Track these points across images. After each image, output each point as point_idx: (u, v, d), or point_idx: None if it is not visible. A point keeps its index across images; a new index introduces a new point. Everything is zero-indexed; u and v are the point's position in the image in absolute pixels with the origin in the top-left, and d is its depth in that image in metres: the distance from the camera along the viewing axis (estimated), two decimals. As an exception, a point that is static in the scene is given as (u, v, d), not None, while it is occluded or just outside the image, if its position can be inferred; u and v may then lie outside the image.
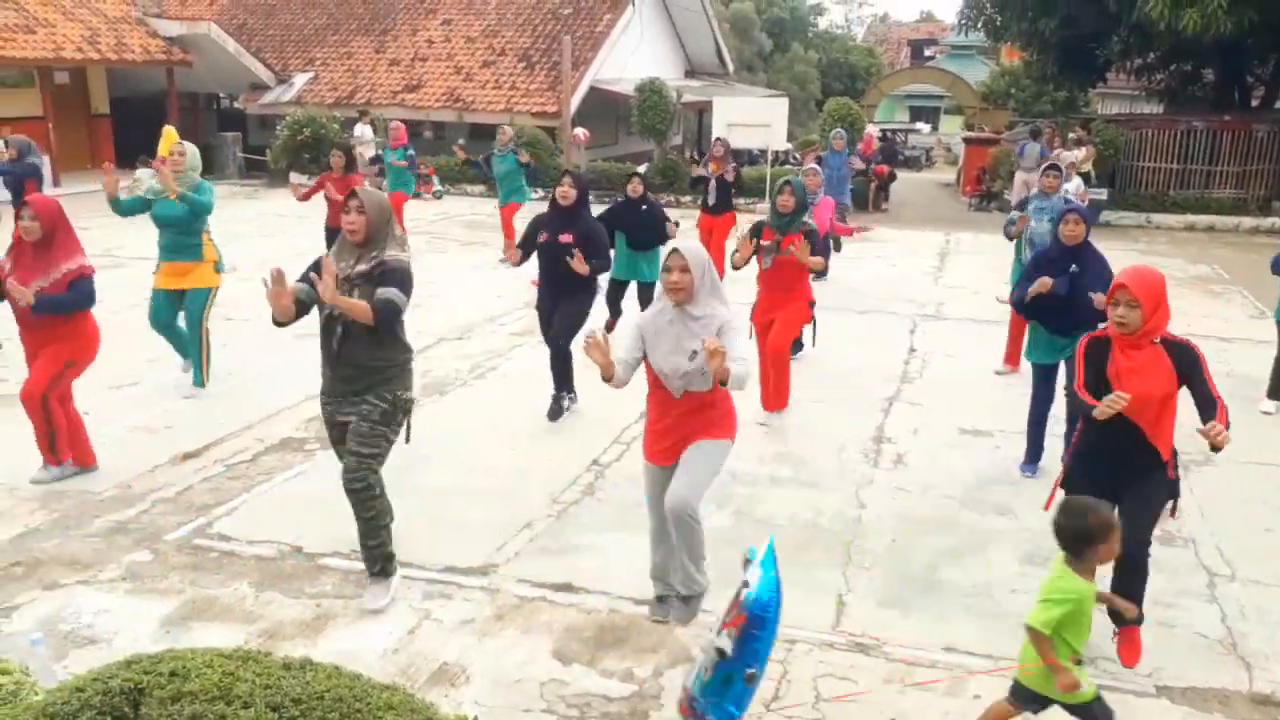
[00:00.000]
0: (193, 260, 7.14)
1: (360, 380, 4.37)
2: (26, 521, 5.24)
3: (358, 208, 4.32)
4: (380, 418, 4.40)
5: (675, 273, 4.06)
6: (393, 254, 4.39)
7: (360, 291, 4.28)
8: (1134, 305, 3.91)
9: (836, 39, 48.79)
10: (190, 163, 7.07)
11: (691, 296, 4.08)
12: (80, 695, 2.21)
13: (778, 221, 6.63)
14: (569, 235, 6.65)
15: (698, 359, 4.01)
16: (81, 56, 19.10)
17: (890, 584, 4.80)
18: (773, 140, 17.03)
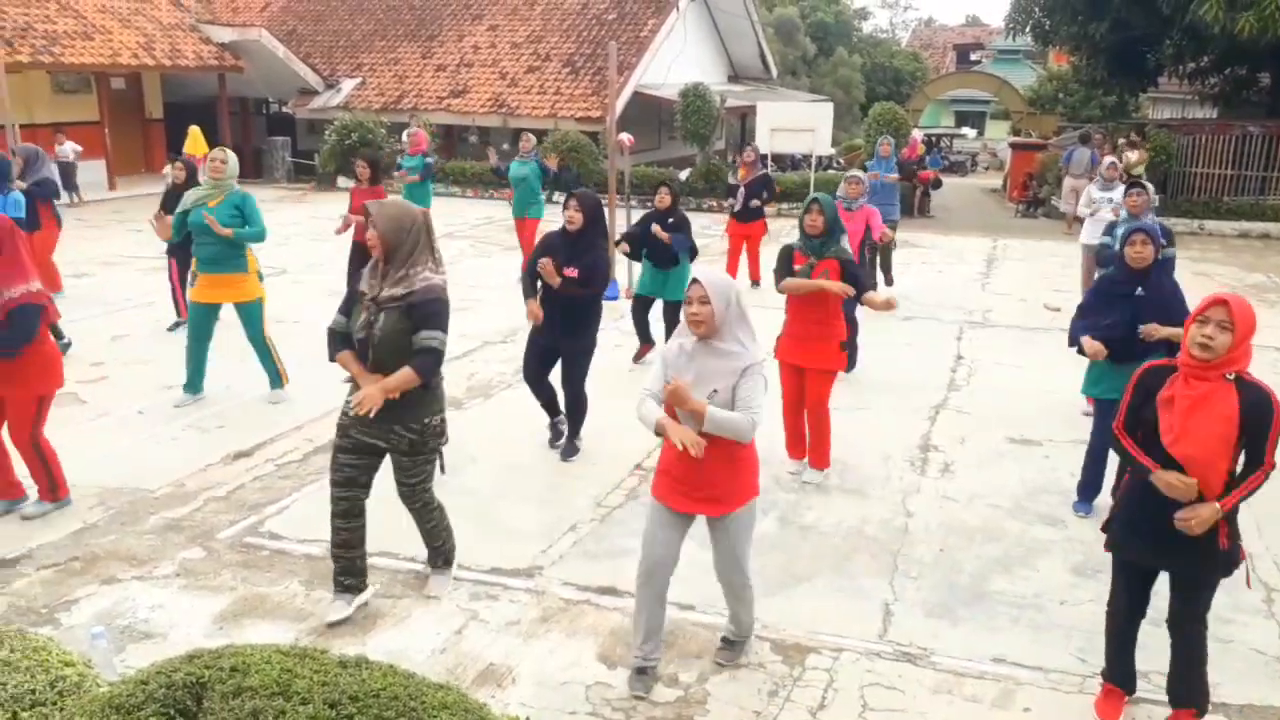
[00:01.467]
0: (235, 272, 6.98)
1: (390, 406, 4.12)
2: (85, 518, 5.36)
3: (371, 221, 4.10)
4: (409, 448, 4.29)
5: (695, 304, 3.70)
6: (424, 276, 4.14)
7: (387, 317, 4.09)
8: (1227, 327, 3.33)
9: (881, 43, 48.53)
10: (230, 170, 6.98)
11: (714, 329, 3.71)
12: (145, 688, 2.26)
13: (808, 244, 5.84)
14: (574, 270, 5.99)
15: (717, 398, 3.68)
16: (137, 63, 19.53)
17: (938, 593, 4.75)
18: (817, 145, 16.95)
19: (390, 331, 4.09)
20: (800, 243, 5.90)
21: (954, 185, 24.62)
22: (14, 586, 4.65)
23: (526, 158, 11.72)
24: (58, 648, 2.91)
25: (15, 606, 4.47)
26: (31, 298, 4.95)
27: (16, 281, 4.91)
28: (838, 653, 4.23)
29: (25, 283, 4.94)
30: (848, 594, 4.72)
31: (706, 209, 18.56)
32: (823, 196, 5.94)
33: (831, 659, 4.19)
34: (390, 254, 4.10)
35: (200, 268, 7.01)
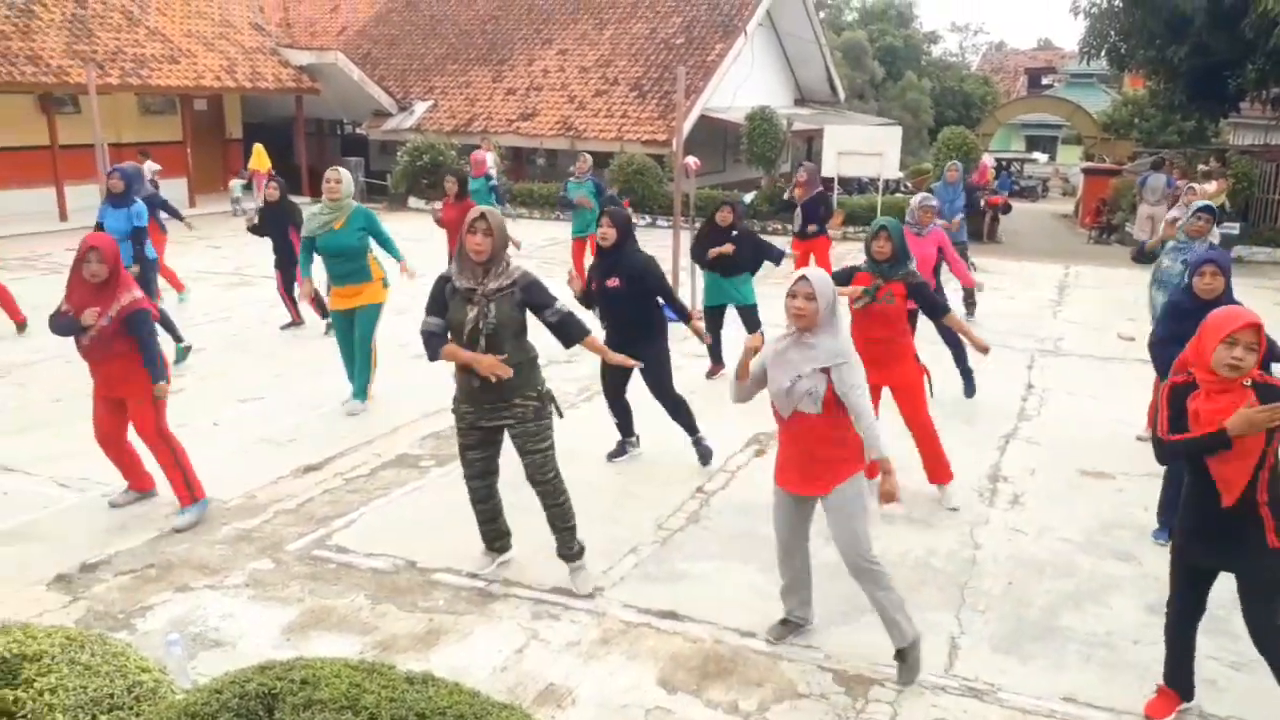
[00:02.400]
0: (363, 281, 7.37)
1: (508, 383, 4.60)
2: (162, 526, 5.51)
3: (485, 230, 4.51)
4: (535, 414, 4.74)
5: (800, 299, 4.04)
6: (513, 264, 4.67)
7: (498, 306, 4.55)
8: (1254, 349, 3.48)
9: (950, 67, 48.04)
10: (345, 189, 7.26)
11: (814, 324, 4.06)
12: (218, 697, 2.31)
13: (874, 268, 5.93)
14: (615, 280, 6.22)
15: (802, 382, 4.03)
16: (219, 85, 20.19)
17: (1006, 628, 4.65)
18: (884, 169, 16.83)
19: (505, 318, 4.58)
20: (867, 266, 5.98)
21: (1024, 210, 24.23)
22: (93, 591, 4.79)
23: (583, 179, 11.87)
24: (135, 653, 2.98)
25: (94, 611, 4.61)
26: (139, 304, 5.39)
27: (125, 291, 5.37)
28: (902, 686, 4.16)
29: (131, 290, 5.40)
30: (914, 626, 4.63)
31: (772, 231, 18.49)
32: (890, 222, 5.99)
33: (895, 692, 4.12)
34: (495, 254, 4.58)
35: (333, 283, 7.44)
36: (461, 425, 4.80)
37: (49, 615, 4.48)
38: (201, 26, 21.18)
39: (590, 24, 24.04)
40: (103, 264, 5.26)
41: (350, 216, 7.23)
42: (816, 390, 4.04)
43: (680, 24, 22.99)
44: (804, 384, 4.04)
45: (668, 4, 23.58)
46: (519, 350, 4.67)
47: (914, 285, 5.89)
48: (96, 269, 5.26)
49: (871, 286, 5.82)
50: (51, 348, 9.10)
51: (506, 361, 4.58)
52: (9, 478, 6.14)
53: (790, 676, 4.22)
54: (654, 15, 23.51)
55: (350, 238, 7.19)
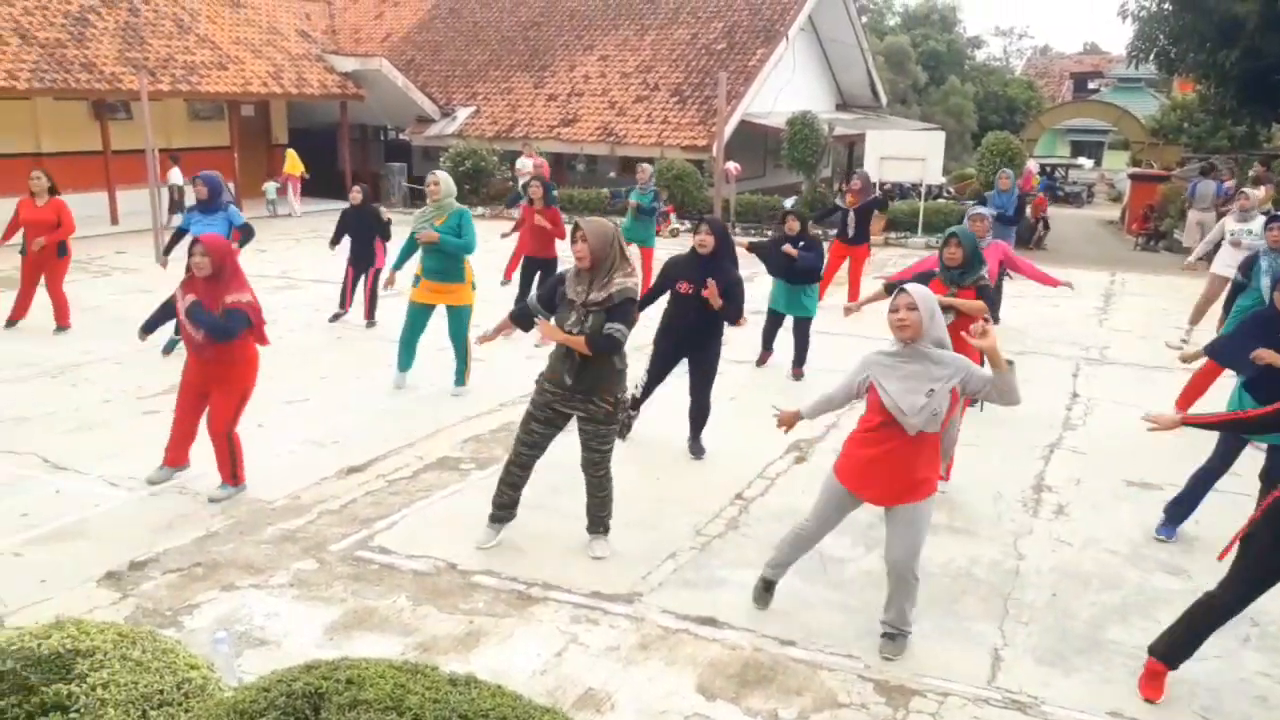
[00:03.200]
0: (455, 281, 7.82)
1: (590, 380, 4.97)
2: (207, 525, 5.61)
3: (582, 237, 4.84)
4: (605, 418, 5.10)
5: (902, 310, 4.11)
6: (620, 280, 4.89)
7: (595, 319, 4.85)
8: None
9: (994, 71, 47.55)
10: (445, 190, 7.75)
11: (919, 334, 4.10)
12: (266, 695, 2.35)
13: (947, 275, 6.08)
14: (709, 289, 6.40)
15: (934, 398, 4.08)
16: (266, 91, 20.50)
17: (1050, 640, 4.58)
18: (927, 174, 16.70)
19: (597, 331, 4.85)
20: (940, 273, 6.13)
21: (1069, 216, 23.91)
22: (142, 589, 4.88)
23: (645, 188, 11.90)
24: (184, 650, 3.04)
25: (142, 608, 4.70)
26: (243, 306, 5.70)
27: (235, 290, 5.70)
28: (943, 697, 4.12)
29: (240, 292, 5.72)
30: (955, 636, 4.59)
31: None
32: (962, 229, 6.22)
33: (937, 703, 4.08)
34: (597, 265, 4.86)
35: (425, 275, 7.86)
36: (538, 399, 5.14)
37: (99, 612, 4.57)
38: (249, 34, 21.53)
39: (631, 30, 24.11)
40: (206, 257, 5.61)
41: (450, 215, 7.74)
42: (941, 409, 4.13)
43: (722, 29, 22.98)
44: (934, 402, 4.09)
45: (709, 9, 23.58)
46: (609, 360, 5.00)
47: (983, 288, 6.06)
48: (200, 261, 5.63)
49: (948, 295, 5.94)
50: (101, 350, 9.32)
51: (593, 363, 4.93)
52: (61, 476, 6.28)
53: (830, 686, 4.19)
54: (695, 20, 23.52)
55: (445, 232, 7.65)
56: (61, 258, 9.93)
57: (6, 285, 12.25)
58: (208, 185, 9.09)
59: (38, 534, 5.44)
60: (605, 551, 5.34)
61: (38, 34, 17.32)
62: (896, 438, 4.18)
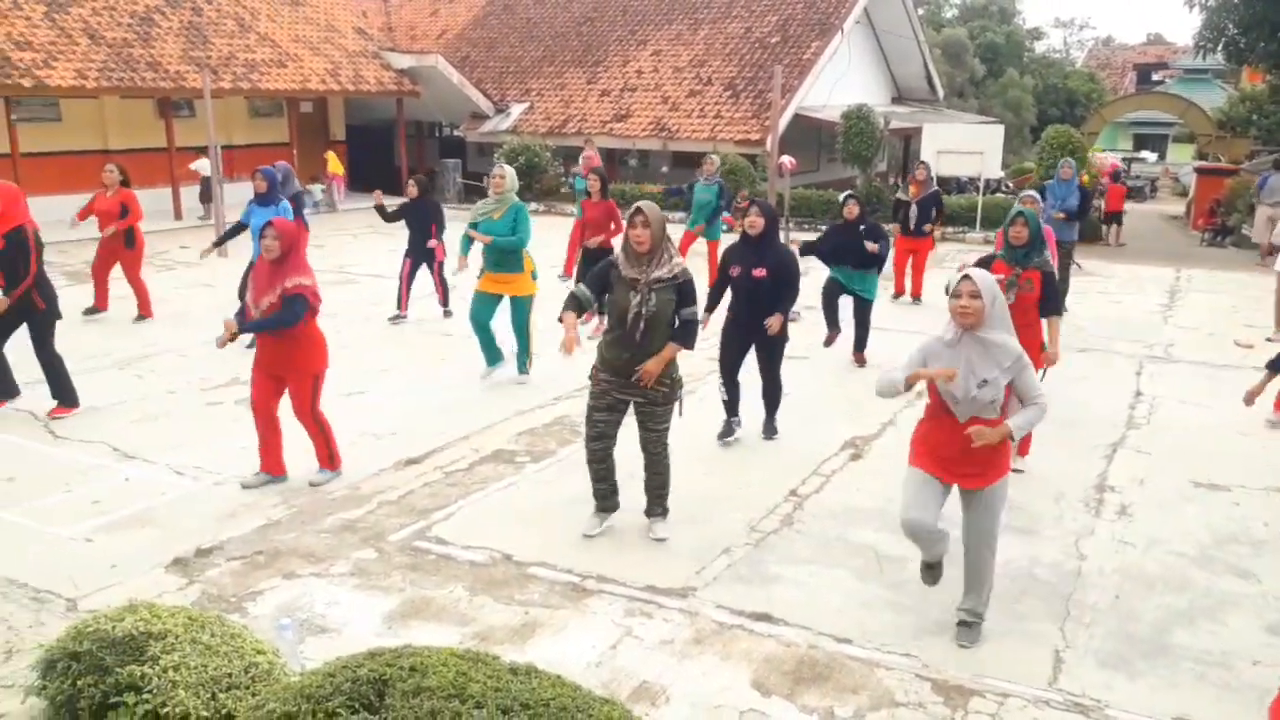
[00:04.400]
0: (514, 271, 8.01)
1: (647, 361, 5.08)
2: (269, 514, 5.72)
3: (643, 222, 5.00)
4: (664, 398, 5.23)
5: (965, 298, 4.08)
6: (675, 260, 5.10)
7: (658, 295, 5.04)
8: None
9: (1054, 64, 46.63)
10: (508, 185, 7.93)
11: (981, 322, 4.08)
12: (332, 680, 2.39)
13: (1011, 255, 6.20)
14: (762, 270, 6.61)
15: (987, 388, 4.06)
16: (325, 88, 20.82)
17: (1113, 643, 4.49)
18: (986, 168, 16.44)
19: (663, 306, 5.06)
20: (1004, 253, 6.23)
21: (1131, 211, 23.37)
22: (207, 575, 5.00)
23: (711, 181, 11.94)
24: (251, 635, 3.12)
25: (208, 594, 4.81)
26: (302, 289, 5.79)
27: (296, 274, 5.80)
28: (1003, 698, 4.06)
29: (301, 276, 5.82)
30: (1015, 637, 4.52)
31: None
32: (1028, 210, 6.30)
33: (996, 704, 4.02)
34: (655, 246, 5.04)
35: (487, 267, 8.07)
36: (595, 390, 5.29)
37: (167, 597, 4.68)
38: (308, 31, 21.88)
39: (685, 24, 24.06)
40: (277, 241, 5.76)
41: (508, 209, 7.92)
42: (999, 398, 4.10)
43: (776, 22, 22.83)
44: (989, 391, 4.07)
45: (763, 3, 23.44)
46: (665, 338, 5.14)
47: (1047, 274, 6.18)
48: (270, 244, 5.77)
49: (1012, 276, 6.09)
50: (165, 341, 9.55)
51: (653, 349, 5.08)
52: (130, 465, 6.45)
53: (887, 684, 4.15)
54: (749, 14, 23.40)
55: (505, 225, 7.87)
56: (130, 248, 10.21)
57: (78, 279, 12.61)
58: (266, 179, 9.35)
59: (108, 520, 5.60)
60: (665, 533, 5.42)
61: (106, 34, 17.78)
62: (952, 426, 4.18)
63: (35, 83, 16.00)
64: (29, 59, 16.19)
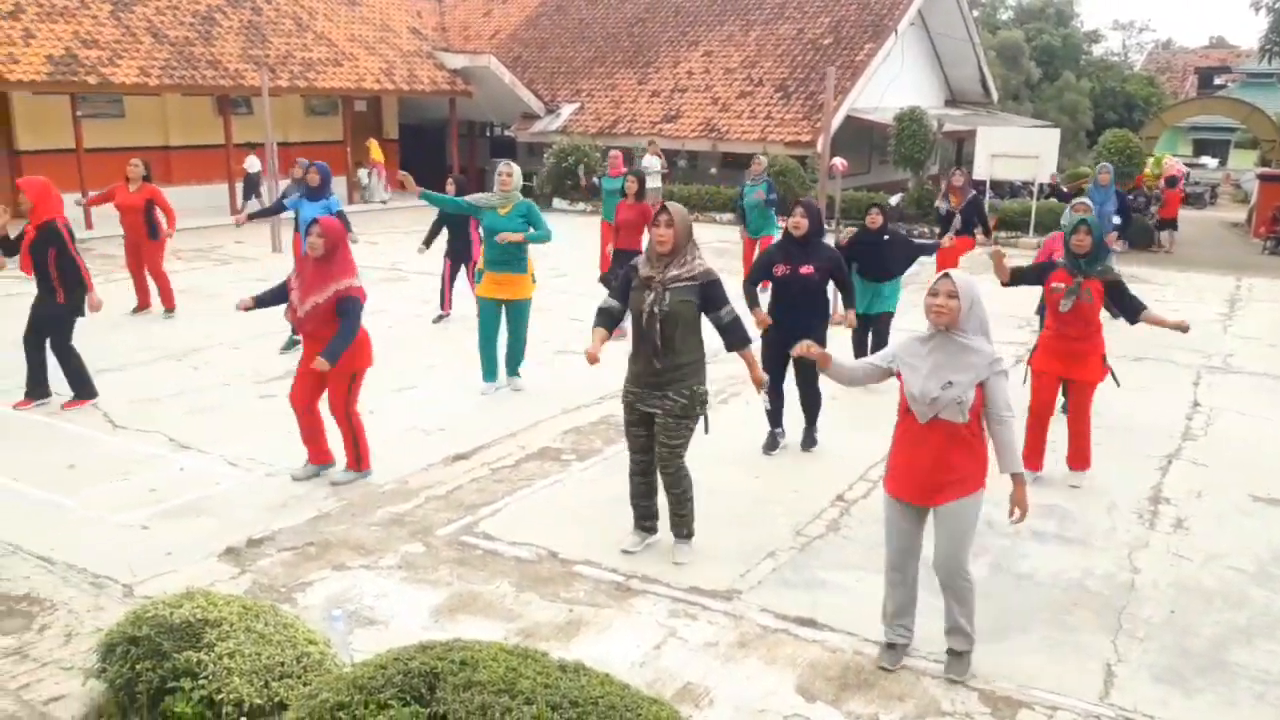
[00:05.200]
0: (516, 272, 7.79)
1: (667, 374, 4.97)
2: (320, 507, 5.81)
3: (667, 221, 4.89)
4: (681, 412, 5.03)
5: (942, 296, 3.97)
6: (698, 260, 4.98)
7: (673, 294, 4.88)
8: None
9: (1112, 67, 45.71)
10: (515, 182, 7.86)
11: (955, 322, 3.97)
12: (384, 672, 2.42)
13: (1074, 264, 6.06)
14: (809, 267, 6.59)
15: (952, 389, 3.94)
16: (379, 87, 21.08)
17: (1168, 658, 4.40)
18: (1040, 172, 16.19)
19: (678, 307, 4.89)
20: (1066, 261, 6.11)
21: (1190, 218, 22.86)
22: (258, 565, 5.08)
23: (758, 180, 12.02)
24: (303, 625, 3.17)
25: (259, 583, 4.89)
26: (353, 292, 5.84)
27: (345, 276, 5.83)
28: (1053, 710, 3.99)
29: (349, 277, 5.85)
30: (1066, 649, 4.44)
31: (918, 235, 18.04)
32: (1090, 218, 6.20)
33: (1046, 717, 3.96)
34: (677, 249, 4.93)
35: (487, 267, 7.86)
36: (625, 402, 5.20)
37: (219, 585, 4.76)
38: (364, 31, 22.16)
39: (736, 25, 23.99)
40: (322, 239, 5.77)
41: (515, 205, 7.80)
42: (966, 399, 3.96)
43: (829, 24, 22.68)
44: (954, 392, 3.94)
45: (816, 4, 23.30)
46: (688, 347, 4.99)
47: (1111, 282, 6.05)
48: (315, 242, 5.77)
49: (1074, 285, 5.99)
50: (220, 335, 9.73)
51: (673, 355, 4.91)
52: (185, 455, 6.58)
53: (934, 693, 4.11)
54: (801, 15, 23.27)
55: (510, 224, 7.71)
56: (154, 239, 10.41)
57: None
58: (321, 173, 9.56)
59: (163, 509, 5.72)
60: (687, 558, 5.23)
61: (169, 33, 18.17)
62: (929, 430, 4.02)
63: (100, 80, 16.39)
64: (95, 57, 16.60)
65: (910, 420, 4.11)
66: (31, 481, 6.04)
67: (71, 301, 7.35)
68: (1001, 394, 4.01)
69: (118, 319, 8.79)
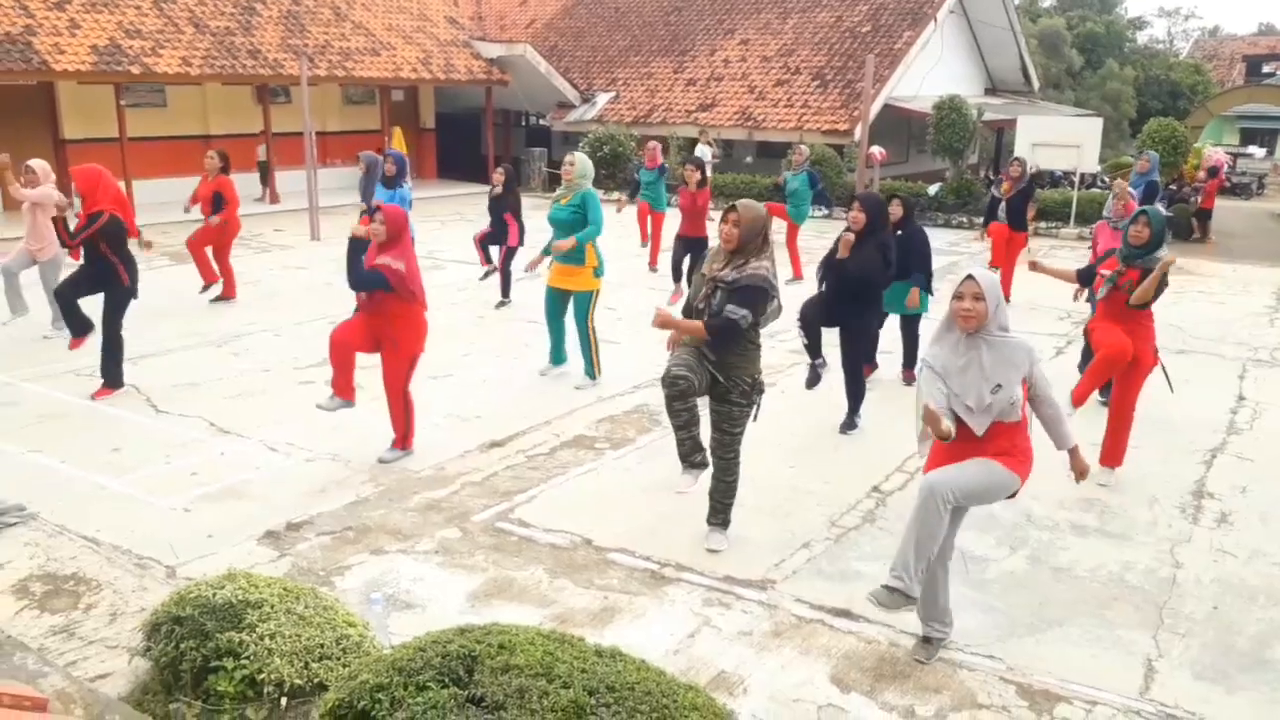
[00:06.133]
0: (574, 264, 7.75)
1: (722, 365, 4.89)
2: (358, 492, 5.87)
3: (734, 220, 4.83)
4: (740, 397, 4.97)
5: (968, 300, 3.91)
6: (755, 264, 4.82)
7: (723, 295, 4.80)
8: None
9: (1157, 55, 44.91)
10: (578, 172, 7.79)
11: (984, 324, 3.92)
12: (422, 655, 2.45)
13: (1128, 252, 6.02)
14: (858, 261, 6.72)
15: (1003, 392, 3.88)
16: (416, 76, 21.17)
17: (1210, 655, 4.34)
18: (1082, 162, 15.94)
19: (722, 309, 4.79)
20: (1122, 249, 6.09)
21: (1237, 209, 22.44)
22: (298, 549, 5.15)
23: (799, 170, 11.97)
24: (343, 608, 3.21)
25: (298, 567, 4.96)
26: (384, 269, 5.94)
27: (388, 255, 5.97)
28: (1091, 705, 3.95)
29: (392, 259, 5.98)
30: (1105, 644, 4.39)
31: (956, 225, 17.87)
32: (1152, 209, 6.14)
33: (1084, 711, 3.92)
34: (741, 247, 4.83)
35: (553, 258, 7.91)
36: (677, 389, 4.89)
37: (259, 568, 4.83)
38: (401, 20, 22.26)
39: (774, 13, 23.83)
40: (383, 225, 5.95)
41: (574, 195, 7.79)
42: (1018, 398, 3.93)
43: (867, 11, 22.46)
44: (1004, 394, 3.90)
45: (854, -8, 23.10)
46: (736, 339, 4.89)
47: (1146, 271, 5.93)
48: (378, 228, 5.96)
49: (1113, 274, 5.99)
50: (261, 321, 9.85)
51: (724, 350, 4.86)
52: (226, 440, 6.68)
53: (970, 686, 4.08)
54: (839, 3, 23.06)
55: (565, 213, 7.75)
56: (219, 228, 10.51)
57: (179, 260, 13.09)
58: (396, 163, 9.86)
59: (205, 492, 5.81)
60: (722, 545, 5.20)
61: (210, 23, 18.37)
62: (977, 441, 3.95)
63: (143, 70, 16.61)
64: (138, 47, 16.82)
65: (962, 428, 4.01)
66: (78, 464, 6.17)
67: (134, 284, 7.49)
68: (1044, 380, 4.05)
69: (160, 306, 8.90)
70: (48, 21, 16.09)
